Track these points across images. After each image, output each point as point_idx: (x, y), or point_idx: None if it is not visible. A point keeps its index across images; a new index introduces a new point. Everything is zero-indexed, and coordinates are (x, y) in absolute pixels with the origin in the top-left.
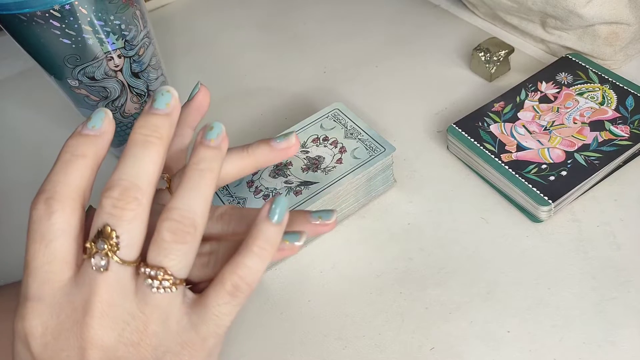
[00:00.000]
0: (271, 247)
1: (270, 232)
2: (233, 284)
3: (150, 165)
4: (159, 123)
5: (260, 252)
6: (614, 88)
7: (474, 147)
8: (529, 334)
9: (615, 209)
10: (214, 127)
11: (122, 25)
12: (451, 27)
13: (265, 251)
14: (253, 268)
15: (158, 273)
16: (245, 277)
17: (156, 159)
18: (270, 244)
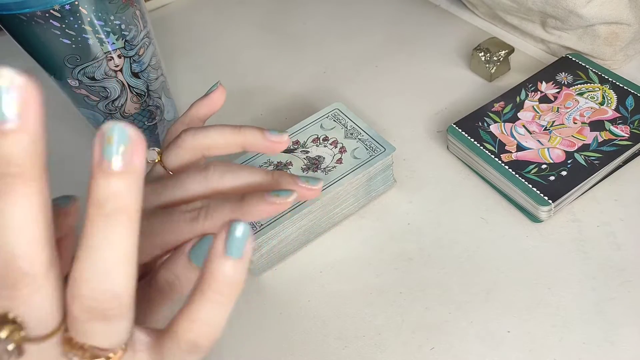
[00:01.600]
0: (232, 290)
1: (229, 271)
2: (190, 344)
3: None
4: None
5: (218, 299)
6: (614, 88)
7: (474, 147)
8: (528, 334)
9: (615, 209)
10: (111, 133)
11: (122, 25)
12: (451, 27)
13: (225, 297)
14: (212, 321)
15: (85, 355)
16: (204, 334)
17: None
18: (230, 287)
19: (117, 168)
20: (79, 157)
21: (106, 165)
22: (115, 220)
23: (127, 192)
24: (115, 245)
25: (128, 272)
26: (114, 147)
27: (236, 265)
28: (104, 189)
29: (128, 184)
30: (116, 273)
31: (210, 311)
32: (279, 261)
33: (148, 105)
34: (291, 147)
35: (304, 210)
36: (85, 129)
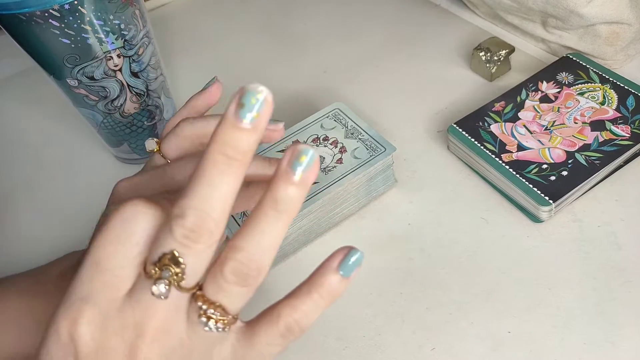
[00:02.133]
0: (332, 298)
1: (335, 284)
2: (287, 327)
3: (228, 194)
4: (244, 141)
5: (319, 302)
6: (615, 88)
7: (475, 147)
8: (529, 334)
9: (616, 209)
10: (304, 154)
11: (121, 24)
12: (452, 26)
13: (325, 302)
14: (309, 315)
15: (215, 313)
16: (301, 322)
17: (235, 186)
18: (332, 296)
19: (298, 180)
20: (78, 157)
21: (291, 175)
22: (282, 217)
23: (298, 200)
24: (275, 234)
25: (272, 256)
26: (303, 165)
27: (342, 282)
28: (283, 191)
29: (301, 194)
30: (267, 253)
31: (311, 307)
32: (279, 261)
33: (147, 105)
34: None
35: (304, 211)
36: (84, 129)
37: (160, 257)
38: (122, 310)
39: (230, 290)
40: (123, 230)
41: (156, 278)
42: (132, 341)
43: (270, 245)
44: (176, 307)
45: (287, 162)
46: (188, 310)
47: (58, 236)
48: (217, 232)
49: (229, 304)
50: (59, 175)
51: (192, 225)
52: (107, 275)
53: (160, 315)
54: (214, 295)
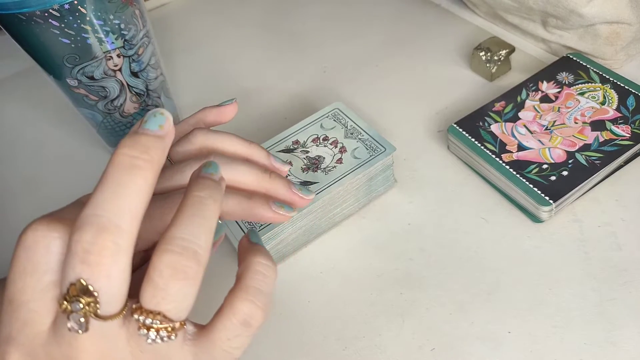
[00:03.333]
0: (273, 264)
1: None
2: (247, 313)
3: (136, 197)
4: (150, 144)
5: (267, 272)
6: (615, 88)
7: (475, 147)
8: (529, 334)
9: (616, 209)
10: (212, 165)
11: (121, 24)
12: (452, 26)
13: (270, 274)
14: (267, 291)
15: (154, 322)
16: (259, 304)
17: (144, 188)
18: (272, 262)
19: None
20: (78, 157)
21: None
22: (207, 201)
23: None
24: (205, 218)
25: (208, 242)
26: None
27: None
28: (202, 183)
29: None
30: (201, 237)
31: (261, 280)
32: (279, 261)
33: (147, 105)
34: (291, 147)
35: (304, 211)
36: (84, 129)
37: (69, 288)
38: (47, 346)
39: (167, 289)
40: (27, 260)
41: (69, 313)
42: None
43: (204, 231)
44: (106, 335)
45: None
46: (126, 329)
47: None
48: (126, 243)
49: (169, 309)
50: (58, 175)
51: (92, 237)
52: (22, 311)
53: (89, 347)
54: (150, 303)
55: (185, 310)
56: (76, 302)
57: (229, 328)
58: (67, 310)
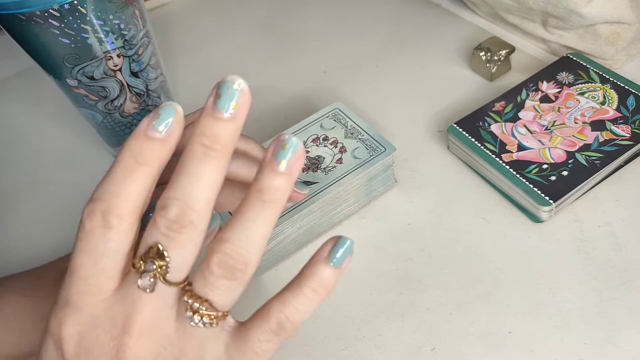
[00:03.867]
0: (325, 291)
1: (326, 275)
2: (278, 323)
3: (209, 184)
4: (222, 131)
5: (311, 295)
6: (615, 88)
7: (475, 147)
8: (529, 334)
9: (616, 209)
10: (289, 144)
11: (121, 24)
12: (452, 26)
13: (317, 295)
14: (301, 310)
15: (201, 307)
16: (292, 317)
17: (216, 176)
18: (324, 288)
19: (283, 169)
20: (78, 157)
21: (275, 165)
22: (268, 207)
23: (284, 189)
24: (261, 225)
25: (260, 248)
26: (287, 154)
27: (334, 273)
28: (268, 181)
29: (285, 184)
30: (255, 245)
31: (302, 301)
32: (279, 261)
33: (147, 105)
34: None
35: (304, 211)
36: (84, 129)
37: (146, 251)
38: (109, 309)
39: (217, 284)
40: (87, 242)
41: (141, 272)
42: (119, 338)
43: (257, 236)
44: (164, 303)
45: (271, 152)
46: (177, 308)
47: (58, 236)
48: (200, 223)
49: (216, 299)
50: (58, 175)
51: (174, 217)
52: (81, 284)
53: (147, 309)
54: (201, 290)
55: (229, 304)
56: (150, 263)
57: (262, 332)
58: (141, 270)
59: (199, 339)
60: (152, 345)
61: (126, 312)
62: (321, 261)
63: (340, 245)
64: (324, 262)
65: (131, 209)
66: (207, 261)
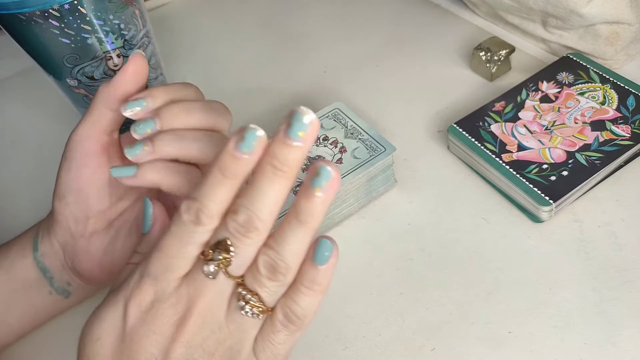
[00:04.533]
0: (319, 288)
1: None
2: (284, 314)
3: (274, 199)
4: (292, 157)
5: (307, 292)
6: (615, 88)
7: (475, 147)
8: (530, 334)
9: (616, 209)
10: (321, 172)
11: (121, 24)
12: (452, 26)
13: (313, 292)
14: (302, 305)
15: (252, 299)
16: (295, 311)
17: (281, 193)
18: (318, 285)
19: (319, 195)
20: None
21: (311, 192)
22: (308, 228)
23: (319, 213)
24: (297, 240)
25: (298, 260)
26: (323, 178)
27: (326, 270)
28: (305, 206)
29: (322, 208)
30: (294, 256)
31: (301, 298)
32: None
33: None
34: None
35: None
36: None
37: (216, 243)
38: (178, 288)
39: (264, 282)
40: (179, 228)
41: (208, 259)
42: (181, 314)
43: (296, 252)
44: (221, 292)
45: (307, 179)
46: (230, 299)
47: None
48: (263, 231)
49: (264, 295)
50: None
51: (243, 222)
52: (166, 261)
53: (208, 295)
54: (251, 285)
55: (274, 300)
56: (218, 253)
57: (273, 323)
58: (208, 258)
59: (244, 327)
60: (205, 326)
61: (191, 294)
62: (307, 262)
63: (320, 245)
64: (309, 263)
65: (219, 212)
66: (256, 260)
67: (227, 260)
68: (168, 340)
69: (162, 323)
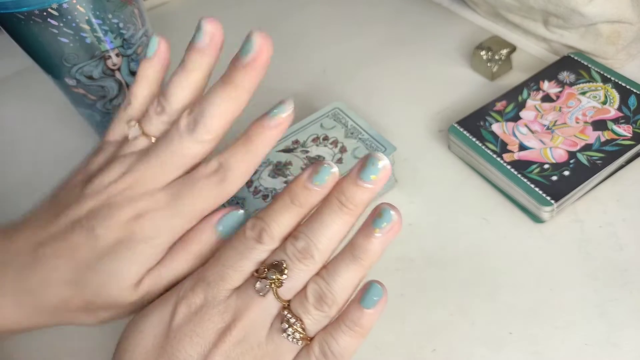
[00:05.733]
0: (358, 329)
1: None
2: (320, 349)
3: (335, 233)
4: (359, 197)
5: (347, 331)
6: (617, 87)
7: (476, 146)
8: (530, 335)
9: (617, 209)
10: (384, 214)
11: (120, 23)
12: (452, 25)
13: (354, 332)
14: (341, 344)
15: (295, 324)
16: (333, 349)
17: (343, 228)
18: (357, 326)
19: (378, 235)
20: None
21: (371, 231)
22: (361, 265)
23: (375, 253)
24: (351, 277)
25: (349, 295)
26: (384, 220)
27: (366, 315)
28: (362, 243)
29: (378, 248)
30: (343, 290)
31: (341, 337)
32: None
33: None
34: (291, 147)
35: None
36: (83, 129)
37: (272, 264)
38: (228, 298)
39: (309, 309)
40: (241, 242)
41: (262, 277)
42: (228, 323)
43: (346, 286)
44: (267, 311)
45: (370, 218)
46: (273, 320)
47: None
48: (319, 260)
49: (307, 322)
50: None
51: (302, 249)
52: (221, 269)
53: (254, 310)
54: (296, 310)
55: (315, 330)
56: (272, 273)
57: (311, 356)
58: (262, 275)
59: (281, 349)
60: (245, 340)
61: (239, 306)
62: (354, 302)
63: (370, 289)
64: (355, 305)
65: (281, 234)
66: (306, 287)
67: (280, 281)
68: (209, 346)
69: (207, 327)
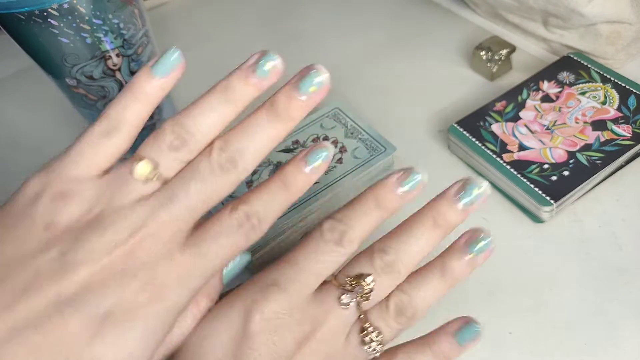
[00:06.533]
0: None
1: (446, 348)
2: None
3: (422, 248)
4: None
5: (429, 358)
6: (616, 87)
7: (476, 146)
8: (530, 335)
9: (617, 210)
10: (480, 239)
11: (120, 24)
12: (452, 26)
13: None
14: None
15: (375, 335)
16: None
17: (431, 244)
18: (442, 357)
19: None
20: None
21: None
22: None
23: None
24: (433, 293)
25: (426, 308)
26: (477, 246)
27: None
28: (453, 264)
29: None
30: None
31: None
32: None
33: None
34: (291, 147)
35: (304, 211)
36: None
37: (357, 275)
38: (306, 304)
39: (389, 322)
40: (321, 246)
41: (348, 290)
42: (307, 333)
43: (429, 301)
44: (346, 321)
45: (465, 242)
46: (350, 329)
47: None
48: (404, 274)
49: (385, 332)
50: None
51: (390, 262)
52: (300, 273)
53: (333, 321)
54: (375, 321)
55: (390, 339)
56: (359, 286)
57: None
58: (347, 288)
59: (355, 359)
60: (322, 350)
61: (318, 315)
62: (447, 334)
63: (469, 326)
64: (449, 336)
65: (361, 238)
66: (386, 299)
67: (366, 295)
68: (287, 355)
69: (285, 336)
